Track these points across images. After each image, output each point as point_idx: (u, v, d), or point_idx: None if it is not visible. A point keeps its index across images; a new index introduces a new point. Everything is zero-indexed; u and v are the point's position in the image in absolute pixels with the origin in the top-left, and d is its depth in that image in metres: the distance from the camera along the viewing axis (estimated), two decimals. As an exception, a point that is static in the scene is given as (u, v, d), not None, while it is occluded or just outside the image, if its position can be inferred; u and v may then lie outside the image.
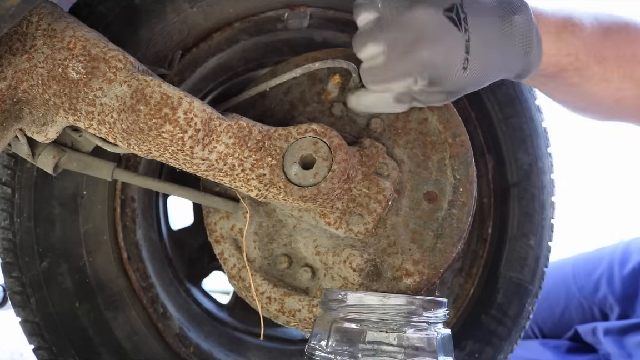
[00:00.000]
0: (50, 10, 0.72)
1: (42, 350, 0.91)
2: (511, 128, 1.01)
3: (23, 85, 0.71)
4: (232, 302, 1.23)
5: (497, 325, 0.99)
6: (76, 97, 0.71)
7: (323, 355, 0.68)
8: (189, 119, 0.71)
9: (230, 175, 0.76)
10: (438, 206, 0.81)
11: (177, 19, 0.88)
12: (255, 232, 0.86)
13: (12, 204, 0.88)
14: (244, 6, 0.91)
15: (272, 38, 1.00)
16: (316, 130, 0.76)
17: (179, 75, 0.95)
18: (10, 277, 0.89)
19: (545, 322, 1.63)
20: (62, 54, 0.70)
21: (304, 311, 0.82)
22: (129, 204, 0.96)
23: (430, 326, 0.69)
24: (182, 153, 0.73)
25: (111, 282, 0.93)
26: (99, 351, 0.92)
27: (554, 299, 1.61)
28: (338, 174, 0.74)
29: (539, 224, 1.00)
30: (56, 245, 0.89)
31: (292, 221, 0.84)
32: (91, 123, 0.73)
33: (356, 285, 0.79)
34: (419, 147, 0.83)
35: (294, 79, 0.86)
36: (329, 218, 0.79)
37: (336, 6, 0.94)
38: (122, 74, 0.71)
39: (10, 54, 0.70)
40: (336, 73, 0.85)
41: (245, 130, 0.75)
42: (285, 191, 0.75)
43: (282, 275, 0.86)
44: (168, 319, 0.98)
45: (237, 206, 0.86)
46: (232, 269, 0.87)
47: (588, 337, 1.53)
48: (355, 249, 0.79)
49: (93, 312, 0.91)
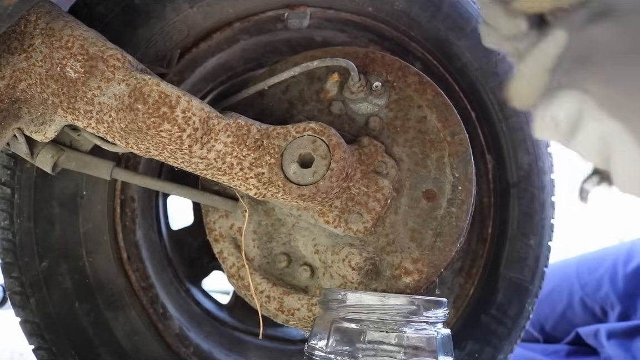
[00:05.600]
0: (49, 9, 0.72)
1: (42, 351, 0.91)
2: (511, 128, 1.00)
3: (21, 84, 0.71)
4: (232, 302, 1.23)
5: (497, 325, 0.99)
6: (74, 96, 0.71)
7: (323, 355, 0.68)
8: (187, 117, 0.71)
9: (228, 174, 0.76)
10: (437, 204, 0.81)
11: (176, 18, 0.88)
12: (254, 230, 0.86)
13: (11, 204, 0.88)
14: (244, 6, 0.91)
15: (272, 38, 1.00)
16: (315, 128, 0.76)
17: (179, 75, 0.95)
18: (10, 277, 0.89)
19: (547, 319, 1.63)
20: (61, 53, 0.70)
21: (303, 310, 0.82)
22: (128, 204, 0.96)
23: (430, 326, 0.68)
24: (180, 152, 0.73)
25: (111, 283, 0.92)
26: (99, 351, 0.92)
27: (556, 296, 1.61)
28: (337, 173, 0.74)
29: (539, 224, 1.00)
30: (56, 245, 0.90)
31: (291, 220, 0.84)
32: (90, 122, 0.73)
33: (355, 284, 0.79)
34: (417, 145, 0.83)
35: (292, 78, 0.86)
36: (328, 217, 0.78)
37: (336, 6, 0.94)
38: (120, 72, 0.71)
39: (9, 53, 0.70)
40: (335, 72, 0.85)
41: (244, 129, 0.75)
42: (284, 190, 0.75)
43: (281, 274, 0.85)
44: (168, 319, 0.98)
45: (236, 205, 0.86)
46: (231, 268, 0.87)
47: (590, 339, 1.52)
48: (354, 247, 0.79)
49: (93, 312, 0.91)
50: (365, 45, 0.99)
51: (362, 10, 0.94)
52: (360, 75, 0.82)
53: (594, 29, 0.40)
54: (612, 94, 0.35)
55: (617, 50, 0.38)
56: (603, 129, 0.36)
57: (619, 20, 0.40)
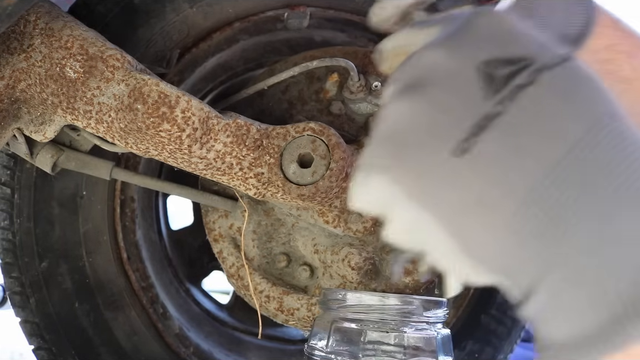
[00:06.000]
0: (48, 9, 0.72)
1: (42, 351, 0.91)
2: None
3: (21, 84, 0.71)
4: (232, 302, 1.23)
5: (497, 325, 0.99)
6: (74, 96, 0.71)
7: (323, 355, 0.68)
8: (187, 117, 0.71)
9: (228, 174, 0.76)
10: None
11: (176, 18, 0.88)
12: (254, 230, 0.86)
13: (11, 205, 0.88)
14: (244, 6, 0.91)
15: (271, 38, 0.99)
16: (314, 128, 0.76)
17: (179, 75, 0.95)
18: (10, 277, 0.90)
19: None
20: (60, 53, 0.70)
21: (303, 310, 0.82)
22: (128, 204, 0.96)
23: (429, 326, 0.68)
24: (180, 152, 0.73)
25: (111, 283, 0.92)
26: (98, 351, 0.92)
27: None
28: (336, 173, 0.74)
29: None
30: (56, 245, 0.90)
31: (291, 220, 0.84)
32: (89, 122, 0.73)
33: (355, 284, 0.79)
34: None
35: (292, 78, 0.86)
36: (328, 216, 0.78)
37: (336, 6, 0.94)
38: (119, 72, 0.71)
39: (8, 53, 0.70)
40: (334, 72, 0.85)
41: (243, 128, 0.75)
42: (283, 190, 0.75)
43: (280, 273, 0.85)
44: (168, 319, 0.98)
45: (236, 205, 0.86)
46: (231, 268, 0.87)
47: None
48: (353, 247, 0.79)
49: (93, 312, 0.91)
50: (365, 45, 0.99)
51: (362, 10, 0.94)
52: (360, 75, 0.82)
53: (400, 104, 0.34)
54: (420, 185, 0.33)
55: (420, 133, 0.33)
56: (413, 219, 0.34)
57: (425, 95, 0.34)
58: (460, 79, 0.33)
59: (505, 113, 0.32)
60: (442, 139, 0.32)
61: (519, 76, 0.32)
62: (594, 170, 0.30)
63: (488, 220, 0.31)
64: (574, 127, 0.31)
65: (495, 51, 0.34)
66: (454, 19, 0.38)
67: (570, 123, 0.31)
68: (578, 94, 0.32)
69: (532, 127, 0.31)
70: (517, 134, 0.31)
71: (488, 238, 0.32)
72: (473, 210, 0.32)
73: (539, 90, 0.32)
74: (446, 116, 0.33)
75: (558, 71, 0.33)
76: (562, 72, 0.33)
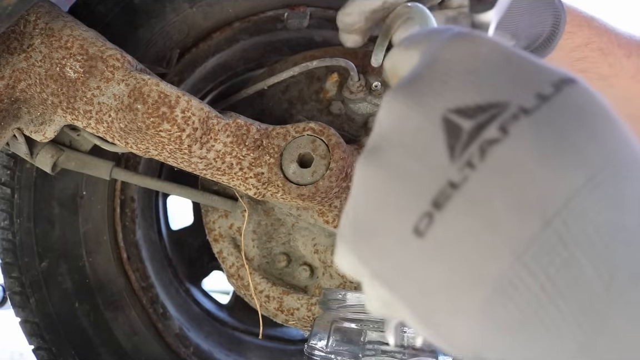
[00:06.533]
0: (48, 9, 0.72)
1: (42, 351, 0.91)
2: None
3: (21, 84, 0.71)
4: (232, 302, 1.23)
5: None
6: (74, 96, 0.71)
7: (323, 355, 0.68)
8: (187, 117, 0.71)
9: (228, 174, 0.76)
10: None
11: (176, 18, 0.88)
12: (254, 230, 0.86)
13: (11, 205, 0.88)
14: (244, 6, 0.91)
15: (271, 38, 0.99)
16: (314, 128, 0.76)
17: (179, 75, 0.95)
18: (10, 277, 0.89)
19: None
20: (60, 53, 0.70)
21: (303, 309, 0.82)
22: (128, 204, 0.96)
23: (429, 325, 0.68)
24: (180, 152, 0.73)
25: (111, 283, 0.92)
26: (98, 351, 0.92)
27: None
28: (336, 172, 0.74)
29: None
30: (56, 245, 0.90)
31: (291, 220, 0.84)
32: (89, 122, 0.73)
33: (354, 284, 0.79)
34: None
35: (292, 78, 0.86)
36: (328, 216, 0.78)
37: (336, 6, 0.94)
38: (119, 72, 0.71)
39: (8, 53, 0.70)
40: (334, 71, 0.85)
41: (243, 128, 0.75)
42: (283, 189, 0.75)
43: (280, 273, 0.85)
44: (168, 319, 0.98)
45: (236, 205, 0.86)
46: (231, 268, 0.87)
47: None
48: None
49: (93, 312, 0.91)
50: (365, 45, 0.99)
51: (362, 10, 0.94)
52: (360, 75, 0.82)
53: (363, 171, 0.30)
54: (384, 266, 0.28)
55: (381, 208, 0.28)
56: (383, 296, 0.32)
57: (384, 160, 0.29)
58: (423, 135, 0.27)
59: (470, 179, 0.25)
60: (402, 216, 0.27)
61: (488, 128, 0.25)
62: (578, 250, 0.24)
63: (457, 307, 0.26)
64: (555, 191, 0.24)
65: (465, 95, 0.27)
66: (432, 40, 0.31)
67: (550, 185, 0.24)
68: (566, 141, 0.25)
69: (502, 196, 0.25)
70: (485, 205, 0.25)
71: (457, 325, 0.27)
72: (441, 294, 0.27)
73: (513, 145, 0.25)
74: (407, 186, 0.27)
75: (539, 116, 0.25)
76: (546, 115, 0.25)
